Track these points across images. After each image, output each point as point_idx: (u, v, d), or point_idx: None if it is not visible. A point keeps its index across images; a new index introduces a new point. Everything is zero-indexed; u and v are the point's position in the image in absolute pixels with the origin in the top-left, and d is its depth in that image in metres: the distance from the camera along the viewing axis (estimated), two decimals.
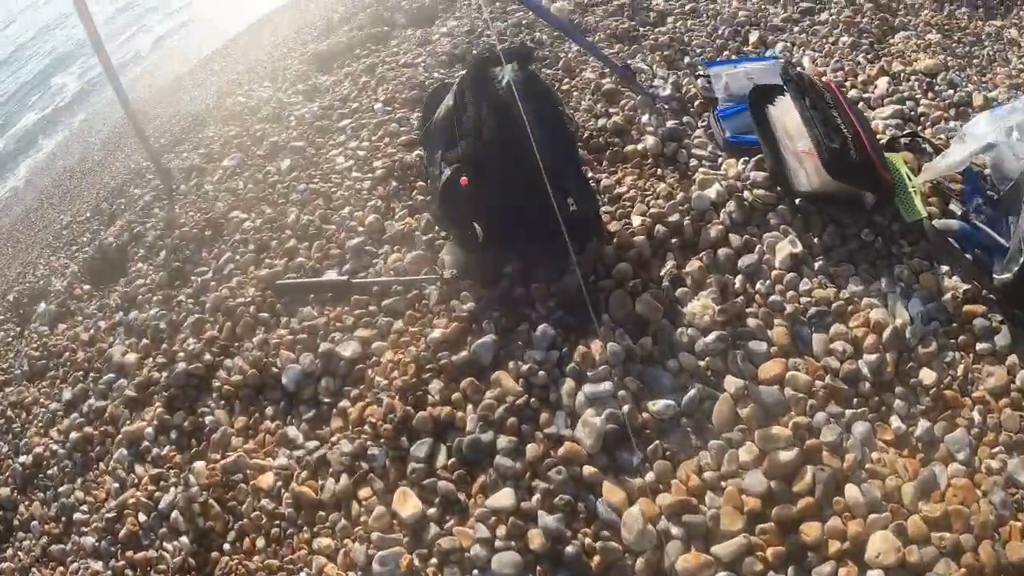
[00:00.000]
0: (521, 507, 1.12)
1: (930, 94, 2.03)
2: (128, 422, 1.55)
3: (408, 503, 1.16)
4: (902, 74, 2.14)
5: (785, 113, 1.63)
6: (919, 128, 1.88)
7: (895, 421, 1.23)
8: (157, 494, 1.37)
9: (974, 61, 2.27)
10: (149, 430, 1.47)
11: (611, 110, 1.94)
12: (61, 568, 1.38)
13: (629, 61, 2.13)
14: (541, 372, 1.29)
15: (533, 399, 1.27)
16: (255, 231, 1.84)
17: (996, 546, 1.04)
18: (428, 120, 1.60)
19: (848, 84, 2.11)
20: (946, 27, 2.51)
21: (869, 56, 2.28)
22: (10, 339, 2.13)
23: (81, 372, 1.75)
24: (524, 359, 1.31)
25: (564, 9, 2.55)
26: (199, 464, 1.39)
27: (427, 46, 2.45)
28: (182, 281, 1.85)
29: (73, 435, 1.57)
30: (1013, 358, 1.27)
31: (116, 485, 1.43)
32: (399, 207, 1.74)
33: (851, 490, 1.12)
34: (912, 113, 1.94)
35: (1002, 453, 1.16)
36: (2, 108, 5.03)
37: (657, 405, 1.25)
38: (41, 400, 1.79)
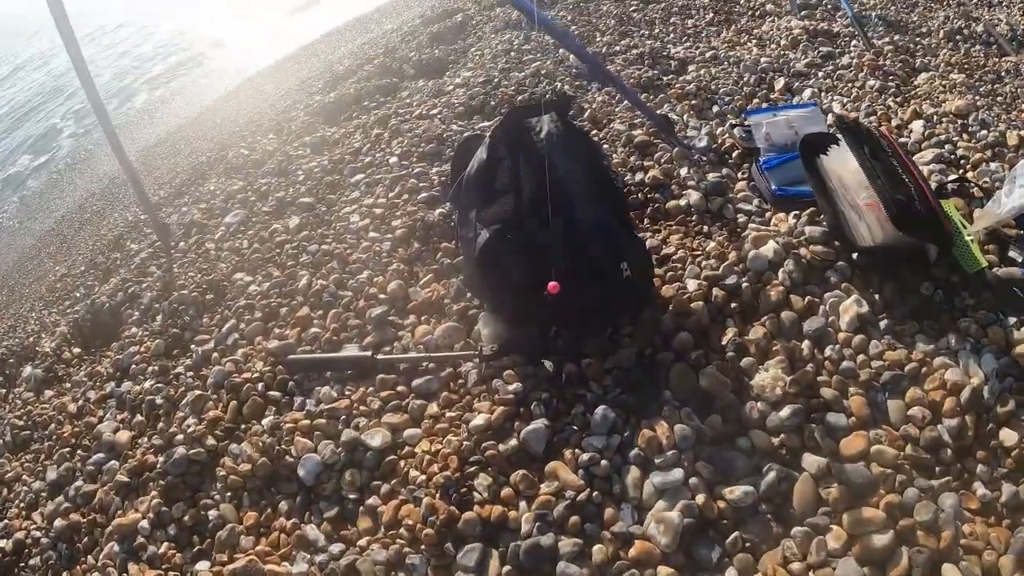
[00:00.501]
0: None
1: (965, 135, 2.00)
2: (120, 512, 1.37)
3: None
4: (934, 116, 2.11)
5: (840, 164, 1.54)
6: (961, 172, 1.82)
7: (979, 488, 1.12)
8: None
9: (998, 99, 2.26)
10: (144, 523, 1.29)
11: (646, 163, 1.86)
12: None
13: (659, 111, 2.07)
14: (603, 461, 1.15)
15: (595, 492, 1.12)
16: (262, 296, 1.70)
17: None
18: (459, 176, 1.50)
19: (884, 129, 2.06)
20: (966, 66, 2.51)
21: (898, 99, 2.25)
22: None
23: (68, 449, 1.57)
24: (582, 446, 1.17)
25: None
26: (202, 566, 1.21)
27: (441, 97, 2.39)
28: (180, 351, 1.70)
29: (58, 522, 1.38)
30: None
31: None
32: (423, 271, 1.62)
33: (949, 571, 1.00)
34: (952, 156, 1.90)
35: None
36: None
37: (735, 492, 1.12)
38: (24, 477, 1.61)
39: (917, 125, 2.06)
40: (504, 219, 1.35)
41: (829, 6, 3.12)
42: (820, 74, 2.43)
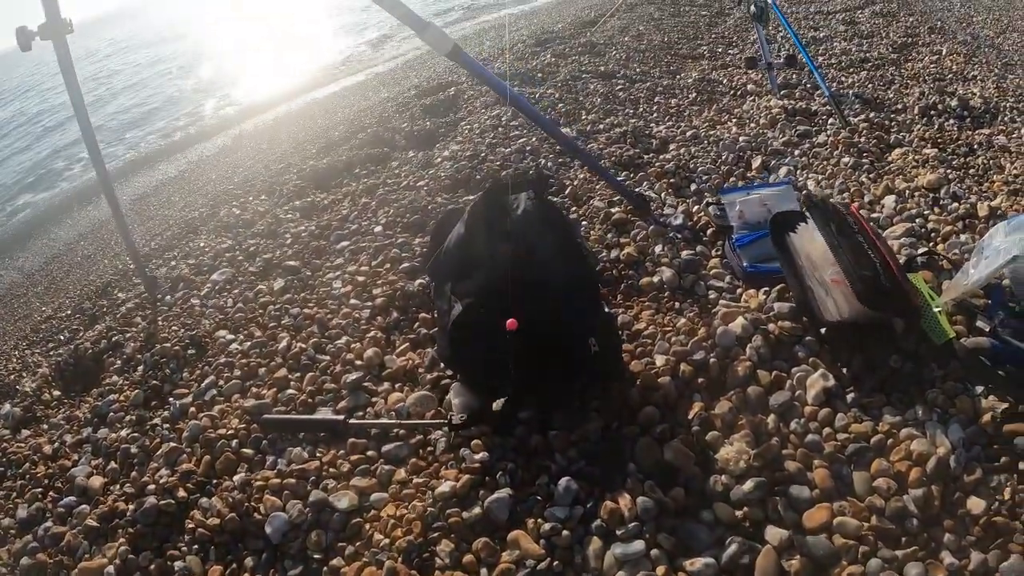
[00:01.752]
0: None
1: (936, 208, 2.12)
2: (87, 555, 1.39)
3: None
4: (906, 191, 2.24)
5: (808, 241, 1.65)
6: (932, 245, 1.93)
7: (947, 557, 1.14)
8: None
9: (970, 171, 2.40)
10: (110, 569, 1.31)
11: (622, 240, 1.97)
12: None
13: (637, 189, 2.20)
14: (565, 532, 1.19)
15: (556, 562, 1.16)
16: (242, 355, 1.78)
17: None
18: (436, 249, 1.60)
19: (855, 205, 2.19)
20: (939, 140, 2.67)
21: (871, 175, 2.40)
22: None
23: (40, 489, 1.60)
24: (545, 516, 1.21)
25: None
26: None
27: (429, 169, 2.55)
28: (159, 403, 1.76)
29: (24, 560, 1.39)
30: None
31: None
32: (400, 340, 1.70)
33: None
34: (923, 230, 2.00)
35: None
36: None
37: (696, 564, 1.15)
38: None
39: (889, 200, 2.19)
40: (478, 293, 1.44)
41: (808, 86, 3.35)
42: (796, 152, 2.60)
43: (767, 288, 1.72)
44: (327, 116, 4.16)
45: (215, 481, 1.44)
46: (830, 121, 2.92)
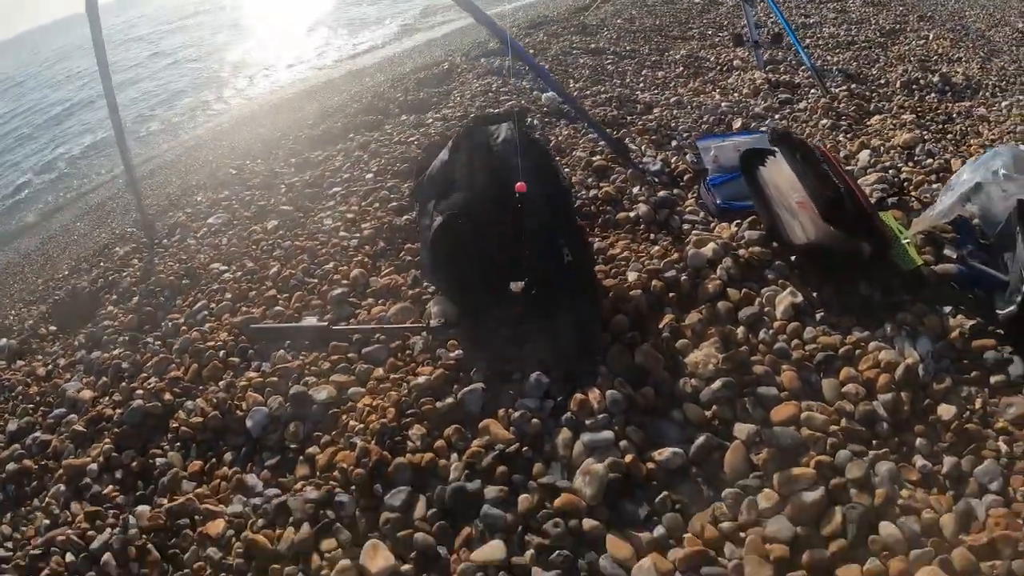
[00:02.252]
0: (512, 562, 1.02)
1: (911, 163, 2.17)
2: (72, 457, 1.44)
3: (378, 557, 1.06)
4: (881, 147, 2.30)
5: (776, 172, 1.71)
6: (903, 191, 1.98)
7: (919, 460, 1.18)
8: (90, 533, 1.24)
9: (948, 136, 2.45)
10: (93, 466, 1.36)
11: (602, 184, 2.03)
12: None
13: (630, 152, 2.27)
14: (534, 420, 1.24)
15: (526, 448, 1.20)
16: (234, 281, 1.85)
17: None
18: (422, 173, 1.67)
19: (821, 146, 2.25)
20: (919, 109, 2.73)
21: (848, 135, 2.46)
22: None
23: (31, 405, 1.65)
24: (516, 407, 1.26)
25: (554, 100, 2.76)
26: (142, 508, 1.27)
27: (420, 128, 2.61)
28: (152, 326, 1.82)
29: (10, 466, 1.45)
30: None
31: (47, 522, 1.30)
32: (386, 265, 1.76)
33: (886, 527, 1.05)
34: (896, 179, 2.05)
35: None
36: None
37: (664, 454, 1.19)
38: None
39: (864, 154, 2.25)
40: (458, 207, 1.51)
41: (793, 62, 3.42)
42: (777, 116, 2.66)
43: (739, 220, 1.77)
44: (326, 97, 4.25)
45: (201, 387, 1.49)
46: (812, 91, 2.99)
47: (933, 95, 3.02)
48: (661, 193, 1.94)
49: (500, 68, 3.11)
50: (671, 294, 1.54)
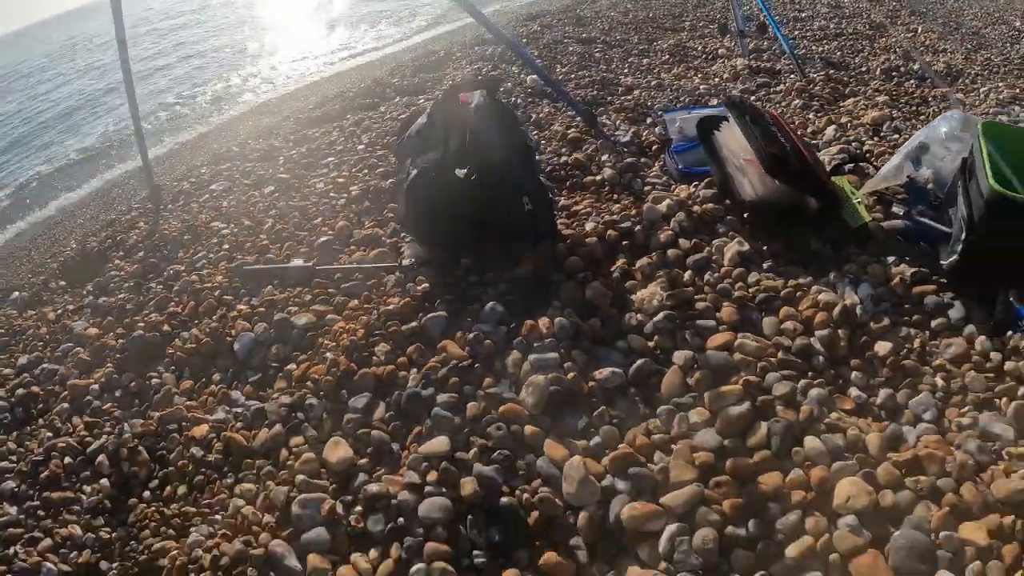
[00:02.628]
0: (456, 455, 1.15)
1: (876, 138, 2.27)
2: (76, 380, 1.60)
3: (339, 450, 1.19)
4: (849, 124, 2.40)
5: (729, 136, 1.83)
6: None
7: (854, 391, 1.25)
8: (88, 439, 1.39)
9: (920, 117, 2.54)
10: (95, 387, 1.52)
11: (574, 153, 2.17)
12: None
13: (597, 119, 2.41)
14: (487, 341, 1.37)
15: (478, 364, 1.33)
16: (231, 236, 2.02)
17: (980, 487, 1.03)
18: (402, 135, 1.82)
19: (799, 133, 2.35)
20: (894, 93, 2.83)
21: (819, 114, 2.57)
22: None
23: (41, 343, 1.81)
24: (472, 330, 1.39)
25: (539, 82, 2.90)
26: (136, 420, 1.42)
27: (411, 107, 2.77)
28: (155, 274, 1.99)
29: (19, 391, 1.60)
30: (970, 328, 1.34)
31: (49, 434, 1.45)
32: (369, 221, 1.91)
33: (811, 441, 1.13)
34: (858, 151, 2.14)
35: (972, 411, 1.18)
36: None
37: (604, 373, 1.31)
38: None
39: (830, 129, 2.35)
40: (431, 162, 1.65)
41: (777, 51, 3.53)
42: (752, 97, 2.78)
43: (697, 183, 1.89)
44: (329, 87, 4.43)
45: (196, 321, 1.65)
46: (791, 76, 3.10)
47: (912, 81, 3.12)
48: (628, 160, 2.07)
49: (492, 55, 3.26)
50: (625, 242, 1.66)
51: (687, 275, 1.58)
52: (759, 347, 1.34)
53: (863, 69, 3.30)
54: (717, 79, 3.04)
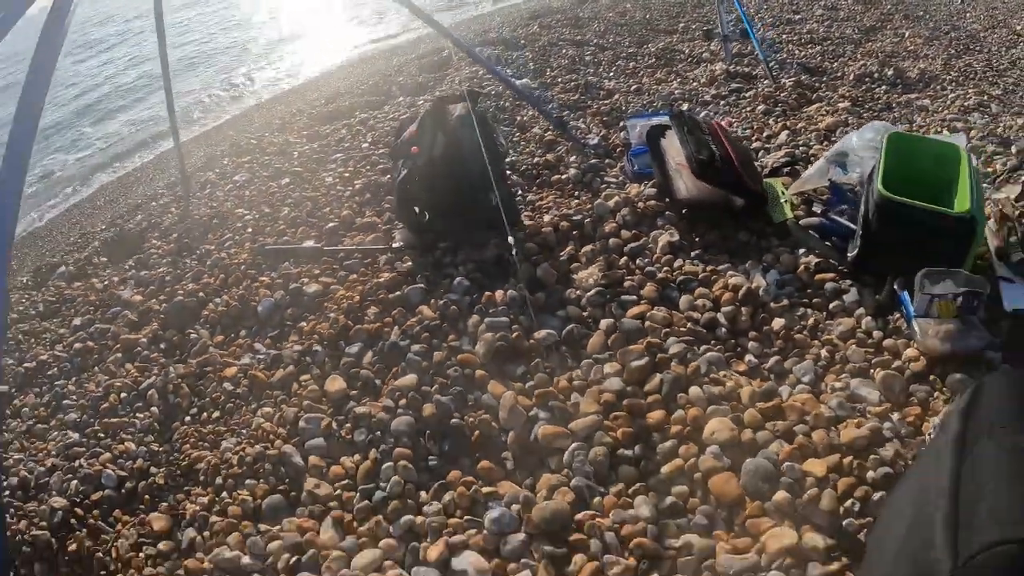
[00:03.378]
0: (422, 388, 1.59)
1: (824, 143, 2.61)
2: (127, 335, 2.05)
3: (335, 384, 1.63)
4: (803, 129, 2.75)
5: (671, 143, 2.23)
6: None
7: (749, 357, 1.61)
8: (139, 380, 1.84)
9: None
10: (143, 340, 1.98)
11: (547, 155, 2.58)
12: (40, 442, 1.77)
13: (573, 123, 2.80)
14: (454, 307, 1.80)
15: (445, 324, 1.76)
16: (253, 221, 2.47)
17: (830, 433, 1.33)
18: (397, 139, 2.25)
19: (754, 138, 2.73)
20: (859, 99, 3.15)
21: (779, 119, 2.91)
22: (29, 291, 2.61)
23: (92, 308, 2.26)
24: (443, 299, 1.82)
25: (528, 85, 3.30)
26: (179, 365, 1.87)
27: (412, 108, 3.20)
28: (189, 252, 2.44)
29: (76, 346, 2.06)
30: (860, 311, 1.68)
31: (105, 377, 1.90)
32: (369, 211, 2.35)
33: (694, 390, 1.50)
34: (803, 155, 2.50)
35: (847, 378, 1.49)
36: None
37: (542, 334, 1.73)
38: (51, 328, 2.27)
39: (783, 135, 2.72)
40: (418, 165, 2.08)
41: (760, 56, 3.86)
42: (722, 102, 3.14)
43: (648, 182, 2.28)
44: (339, 79, 4.87)
45: (226, 291, 2.10)
46: (765, 81, 3.44)
47: (884, 88, 3.43)
48: (592, 161, 2.47)
49: (489, 57, 3.66)
50: (575, 232, 2.07)
51: (623, 260, 1.98)
52: (666, 317, 1.74)
53: (838, 75, 3.61)
54: (695, 83, 3.40)
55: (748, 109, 3.04)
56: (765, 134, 2.77)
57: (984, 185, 2.12)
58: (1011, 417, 0.81)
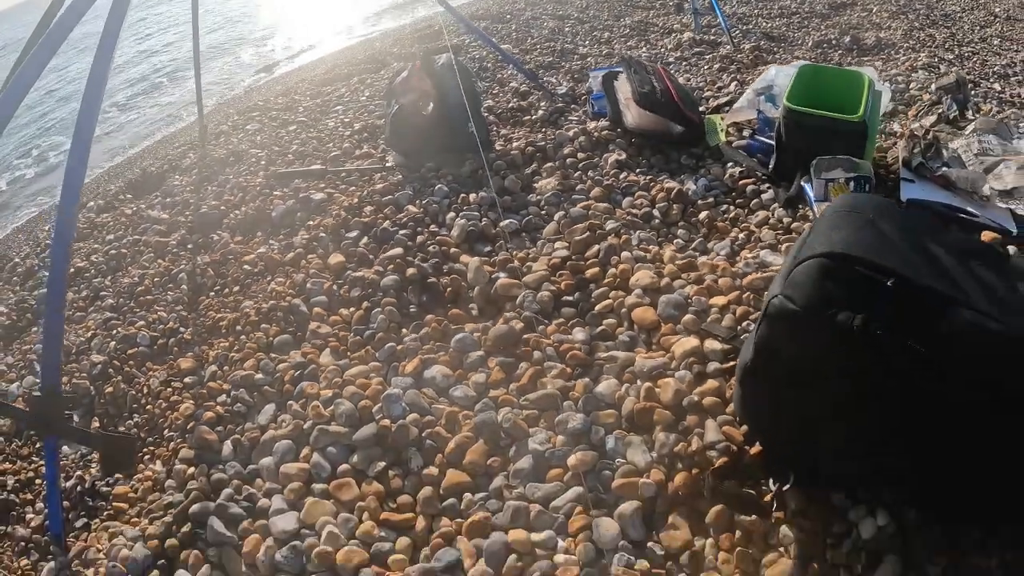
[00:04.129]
0: (407, 257, 2.04)
1: None
2: (158, 239, 2.51)
3: (336, 259, 2.09)
4: (752, 82, 3.18)
5: (622, 84, 2.68)
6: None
7: (677, 241, 2.05)
8: (170, 268, 2.31)
9: None
10: (172, 241, 2.45)
11: (521, 102, 3.04)
12: (76, 325, 2.22)
13: (546, 80, 3.27)
14: (435, 205, 2.26)
15: (427, 218, 2.22)
16: (266, 156, 2.96)
17: (735, 280, 1.78)
18: (390, 85, 2.72)
19: (706, 90, 3.16)
20: (813, 60, 3.56)
21: (732, 76, 3.35)
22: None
23: (123, 227, 2.74)
24: (427, 200, 2.28)
25: (510, 50, 3.77)
26: (202, 258, 2.34)
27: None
28: (209, 181, 2.91)
29: (111, 251, 2.54)
30: (774, 205, 2.11)
31: (139, 271, 2.37)
32: (367, 145, 2.82)
33: (625, 254, 1.94)
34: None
35: (759, 251, 1.91)
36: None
37: (505, 222, 2.18)
38: (85, 247, 2.72)
39: (733, 86, 3.17)
40: (407, 101, 2.55)
41: (722, 25, 4.31)
42: (684, 64, 3.59)
43: (604, 119, 2.74)
44: (341, 57, 5.37)
45: (244, 205, 2.56)
46: (727, 47, 3.88)
47: (839, 52, 3.85)
48: (559, 105, 2.93)
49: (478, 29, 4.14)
50: (538, 155, 2.53)
51: (577, 174, 2.43)
52: (608, 208, 2.19)
53: (798, 42, 4.04)
54: (662, 49, 3.86)
55: (706, 68, 3.49)
56: (717, 86, 3.21)
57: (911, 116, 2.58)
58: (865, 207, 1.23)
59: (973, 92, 2.89)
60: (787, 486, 1.28)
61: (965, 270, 1.15)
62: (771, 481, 1.31)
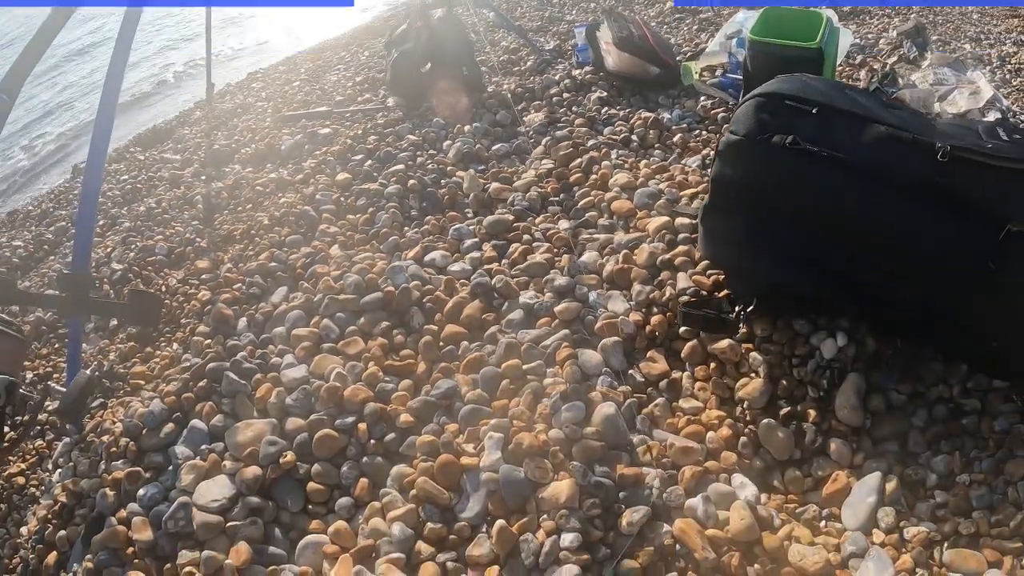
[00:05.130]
0: (407, 174, 2.31)
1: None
2: (173, 171, 2.79)
3: (343, 176, 2.37)
4: (724, 36, 3.51)
5: (604, 33, 2.98)
6: None
7: (655, 160, 2.34)
8: (186, 193, 2.57)
9: None
10: (186, 174, 2.73)
11: (512, 56, 3.34)
12: (95, 247, 2.46)
13: (536, 40, 3.58)
14: (432, 134, 2.53)
15: (426, 144, 2.50)
16: (272, 106, 3.27)
17: (705, 176, 2.10)
18: (392, 34, 3.02)
19: (684, 47, 3.47)
20: None
21: (711, 34, 3.66)
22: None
23: (137, 168, 3.03)
24: (424, 131, 2.56)
25: (501, 18, 4.09)
26: (216, 184, 2.61)
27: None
28: (218, 129, 3.19)
29: (126, 187, 2.84)
30: None
31: (154, 200, 2.64)
32: (369, 94, 3.11)
33: (605, 164, 2.24)
34: None
35: None
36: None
37: (497, 146, 2.46)
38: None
39: (704, 36, 3.48)
40: (406, 50, 2.84)
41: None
42: (664, 28, 3.91)
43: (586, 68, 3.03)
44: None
45: (254, 143, 2.84)
46: (707, 14, 4.21)
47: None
48: (546, 58, 3.23)
49: None
50: (527, 95, 2.82)
51: (562, 110, 2.71)
52: (588, 131, 2.47)
53: None
54: (645, 16, 4.18)
55: (686, 29, 3.81)
56: (694, 43, 3.52)
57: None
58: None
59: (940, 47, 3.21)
60: (750, 307, 1.52)
61: (880, 107, 1.42)
62: (736, 308, 1.56)
